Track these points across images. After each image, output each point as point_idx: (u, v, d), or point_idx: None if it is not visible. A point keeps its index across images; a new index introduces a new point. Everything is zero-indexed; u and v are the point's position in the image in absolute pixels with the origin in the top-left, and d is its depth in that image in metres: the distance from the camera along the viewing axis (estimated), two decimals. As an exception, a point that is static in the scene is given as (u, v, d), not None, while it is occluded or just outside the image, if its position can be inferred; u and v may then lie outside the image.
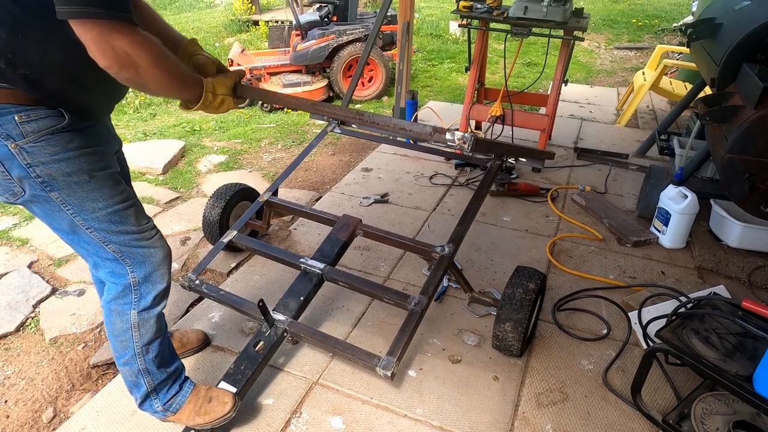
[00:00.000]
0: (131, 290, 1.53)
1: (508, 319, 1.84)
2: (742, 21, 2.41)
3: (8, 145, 1.26)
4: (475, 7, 3.37)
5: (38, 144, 1.29)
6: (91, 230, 1.45)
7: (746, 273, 2.50)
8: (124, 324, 1.54)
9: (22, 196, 1.35)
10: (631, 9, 10.45)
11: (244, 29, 9.27)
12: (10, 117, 1.25)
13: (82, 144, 1.36)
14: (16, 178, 1.31)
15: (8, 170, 1.29)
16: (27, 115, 1.26)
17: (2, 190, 1.34)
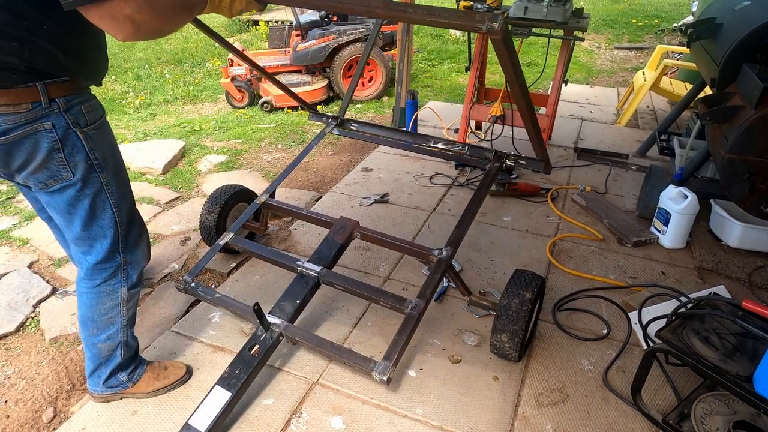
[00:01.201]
0: (120, 270, 1.67)
1: (505, 330, 1.84)
2: (742, 21, 2.41)
3: (77, 131, 1.44)
4: (476, 7, 3.37)
5: (97, 131, 1.50)
6: (117, 209, 1.60)
7: (746, 273, 2.49)
8: (114, 302, 1.68)
9: (68, 179, 1.48)
10: (631, 9, 10.44)
11: (244, 29, 9.28)
12: (78, 107, 1.44)
13: (104, 138, 1.54)
14: (73, 162, 1.46)
15: (67, 155, 1.44)
16: (88, 105, 1.47)
17: (46, 175, 1.46)
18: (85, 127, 1.46)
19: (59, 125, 1.41)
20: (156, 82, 6.57)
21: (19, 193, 3.45)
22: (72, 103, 1.42)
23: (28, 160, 1.42)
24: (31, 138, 1.39)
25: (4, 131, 1.35)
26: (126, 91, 6.22)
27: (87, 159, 1.48)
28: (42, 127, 1.40)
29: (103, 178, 1.54)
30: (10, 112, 1.34)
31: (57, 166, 1.45)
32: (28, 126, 1.38)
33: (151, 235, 2.98)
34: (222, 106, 5.66)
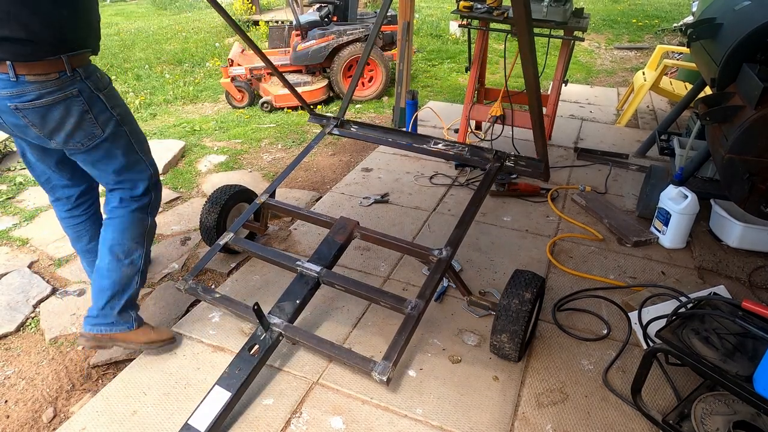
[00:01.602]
0: (150, 204, 1.99)
1: (505, 331, 1.84)
2: (742, 21, 2.41)
3: (99, 94, 1.73)
4: (476, 7, 3.37)
5: (111, 93, 1.79)
6: (141, 152, 1.92)
7: (746, 273, 2.49)
8: (143, 228, 1.98)
9: (100, 136, 1.78)
10: (631, 9, 10.44)
11: (244, 29, 9.28)
12: (94, 74, 1.74)
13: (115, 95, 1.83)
14: (101, 121, 1.76)
15: (96, 115, 1.74)
16: (99, 72, 1.76)
17: (83, 135, 1.75)
18: (103, 90, 1.75)
19: (84, 90, 1.69)
20: (156, 82, 6.57)
21: (20, 193, 3.45)
22: (89, 71, 1.71)
23: (63, 123, 1.69)
24: (63, 104, 1.67)
25: (37, 96, 1.63)
26: (126, 91, 6.22)
27: (111, 116, 1.78)
28: (72, 94, 1.68)
29: (127, 130, 1.85)
30: (41, 80, 1.61)
31: (89, 126, 1.74)
32: (59, 93, 1.65)
33: (151, 235, 2.99)
34: (222, 106, 5.66)
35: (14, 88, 1.60)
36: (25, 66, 1.58)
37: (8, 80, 1.59)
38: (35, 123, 1.68)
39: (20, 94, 1.61)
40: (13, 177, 3.68)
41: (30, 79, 1.60)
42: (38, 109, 1.64)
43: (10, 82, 1.59)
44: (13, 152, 4.11)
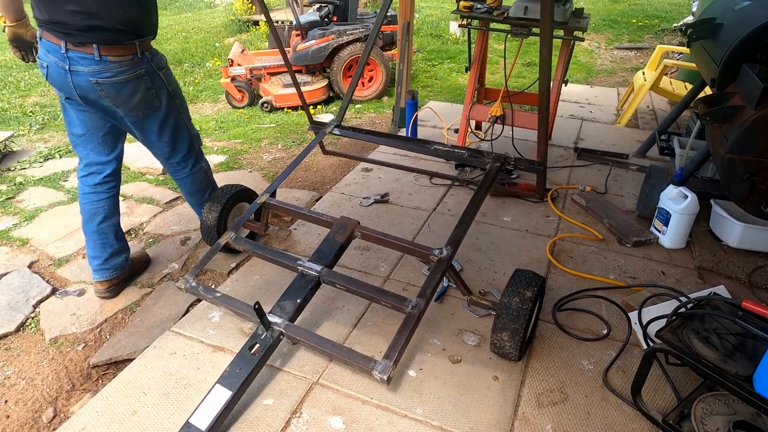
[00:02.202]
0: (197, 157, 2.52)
1: (505, 329, 1.84)
2: (743, 21, 2.41)
3: (159, 73, 2.17)
4: (476, 7, 3.37)
5: (167, 72, 2.24)
6: (187, 122, 2.41)
7: (746, 273, 2.49)
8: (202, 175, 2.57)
9: (158, 106, 2.21)
10: (631, 9, 10.45)
11: (245, 29, 9.28)
12: (157, 56, 2.17)
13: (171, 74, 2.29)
14: (160, 94, 2.19)
15: (156, 89, 2.17)
16: (159, 55, 2.20)
17: (145, 105, 2.17)
18: (162, 70, 2.18)
19: (149, 70, 2.12)
20: (156, 82, 6.56)
21: (20, 193, 3.45)
22: (152, 53, 2.14)
23: (132, 96, 2.11)
24: (134, 81, 2.08)
25: (116, 74, 2.04)
26: (126, 91, 6.22)
27: (167, 91, 2.22)
28: (140, 72, 2.10)
29: (178, 104, 2.30)
30: (119, 61, 2.03)
31: (150, 98, 2.16)
32: (131, 72, 2.06)
33: (150, 235, 2.99)
34: (222, 106, 5.66)
35: (97, 65, 2.00)
36: (108, 48, 1.99)
37: (93, 59, 1.99)
38: (109, 95, 2.07)
39: (102, 71, 2.01)
40: (14, 177, 3.68)
41: (111, 59, 2.01)
42: (114, 84, 2.05)
43: (94, 61, 2.00)
44: (13, 152, 4.11)
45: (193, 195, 2.62)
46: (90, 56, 1.99)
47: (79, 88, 2.06)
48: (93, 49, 1.97)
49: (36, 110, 5.47)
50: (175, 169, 2.47)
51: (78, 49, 1.99)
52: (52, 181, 3.63)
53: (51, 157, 4.04)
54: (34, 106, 5.64)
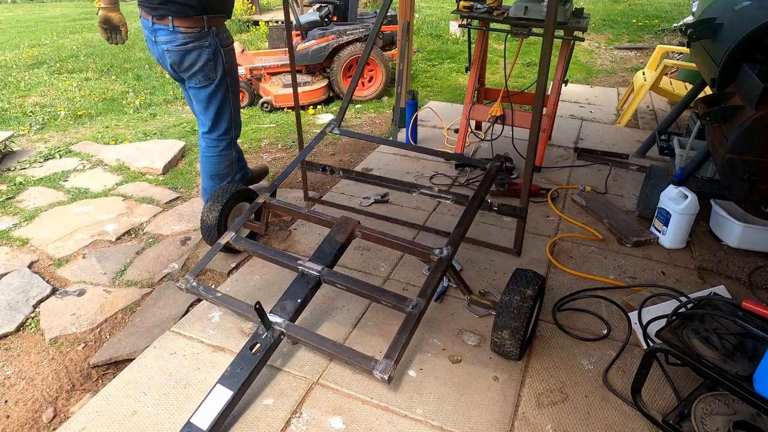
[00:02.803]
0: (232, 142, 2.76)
1: (506, 327, 1.84)
2: (743, 21, 2.41)
3: (221, 49, 2.45)
4: (476, 7, 3.37)
5: (229, 50, 2.52)
6: (233, 103, 2.64)
7: (746, 273, 2.50)
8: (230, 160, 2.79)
9: (213, 79, 2.51)
10: (631, 9, 10.45)
11: (244, 29, 9.28)
12: (223, 33, 2.45)
13: (233, 54, 2.57)
14: (217, 68, 2.48)
15: (215, 63, 2.47)
16: (227, 33, 2.48)
17: (202, 75, 2.48)
18: (225, 47, 2.46)
19: (212, 44, 2.42)
20: (156, 82, 6.57)
21: (20, 193, 3.45)
22: (219, 30, 2.42)
23: (194, 64, 2.43)
24: (197, 50, 2.40)
25: (184, 43, 2.37)
26: (126, 91, 6.22)
27: (223, 67, 2.49)
28: (205, 44, 2.40)
29: (229, 82, 2.55)
30: (188, 32, 2.35)
31: (209, 69, 2.46)
32: (197, 42, 2.38)
33: (150, 235, 2.99)
34: (222, 106, 5.65)
35: (170, 35, 2.35)
36: (179, 20, 2.32)
37: (167, 30, 2.34)
38: (175, 62, 2.42)
39: (172, 41, 2.35)
40: (13, 177, 3.68)
41: (181, 30, 2.33)
42: (179, 52, 2.38)
43: (168, 31, 2.35)
44: (13, 152, 4.11)
45: (212, 178, 2.80)
46: (165, 27, 2.34)
47: (159, 57, 2.47)
48: (168, 21, 2.31)
49: (36, 110, 5.47)
50: (209, 144, 2.72)
51: (159, 22, 2.35)
52: (52, 181, 3.63)
53: (51, 157, 4.03)
54: (34, 106, 5.64)
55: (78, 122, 5.20)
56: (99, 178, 3.67)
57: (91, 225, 3.05)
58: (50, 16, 14.56)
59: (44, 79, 6.75)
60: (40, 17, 14.39)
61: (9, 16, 14.91)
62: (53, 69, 7.23)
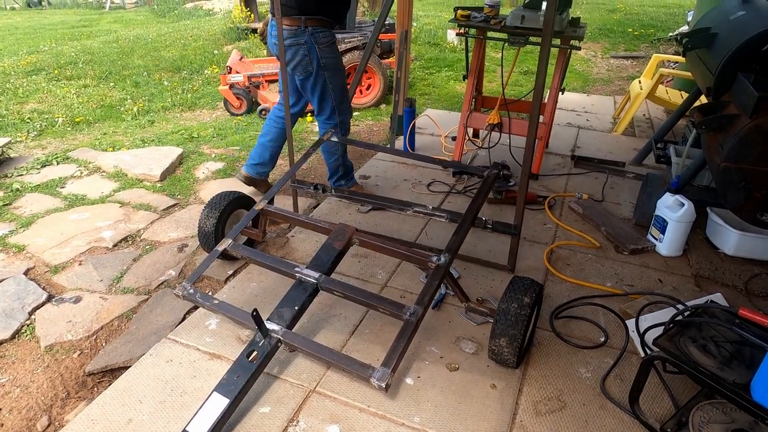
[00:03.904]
0: (335, 124, 3.02)
1: (504, 335, 1.83)
2: (738, 31, 2.44)
3: (316, 46, 2.71)
4: (473, 16, 3.40)
5: (325, 48, 2.75)
6: (333, 93, 2.91)
7: (743, 281, 2.50)
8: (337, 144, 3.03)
9: (310, 72, 2.81)
10: (627, 18, 10.54)
11: (243, 37, 9.31)
12: (318, 33, 2.70)
13: (333, 52, 2.82)
14: (313, 63, 2.77)
15: (311, 58, 2.75)
16: (324, 33, 2.73)
17: (302, 69, 2.80)
18: (319, 45, 2.71)
19: (308, 41, 2.70)
20: (154, 90, 6.58)
21: (17, 200, 3.44)
22: (315, 30, 2.68)
23: (293, 58, 2.77)
24: (295, 47, 2.73)
25: (285, 38, 2.69)
26: (124, 98, 6.23)
27: (318, 62, 2.76)
28: (301, 42, 2.71)
29: (327, 75, 2.83)
30: (288, 29, 2.68)
31: (306, 63, 2.77)
32: (294, 39, 2.70)
33: (147, 242, 2.98)
34: (220, 113, 5.67)
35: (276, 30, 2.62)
36: (287, 19, 2.66)
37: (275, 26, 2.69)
38: (286, 55, 2.75)
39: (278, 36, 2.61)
40: (10, 183, 3.67)
41: (285, 26, 2.66)
42: (285, 47, 2.71)
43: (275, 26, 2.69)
44: (10, 158, 4.10)
45: (326, 152, 3.14)
46: (275, 23, 2.68)
47: (271, 48, 2.89)
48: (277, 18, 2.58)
49: (34, 117, 5.47)
50: (321, 125, 3.09)
51: (273, 18, 2.74)
52: (49, 188, 3.62)
53: (48, 164, 4.03)
54: (32, 112, 5.64)
55: (76, 129, 5.20)
56: (96, 185, 3.67)
57: (88, 231, 3.04)
58: (49, 24, 14.59)
59: (42, 85, 6.76)
60: (39, 24, 14.42)
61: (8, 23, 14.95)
62: (51, 76, 7.24)
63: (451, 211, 2.48)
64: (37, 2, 21.50)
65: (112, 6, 19.85)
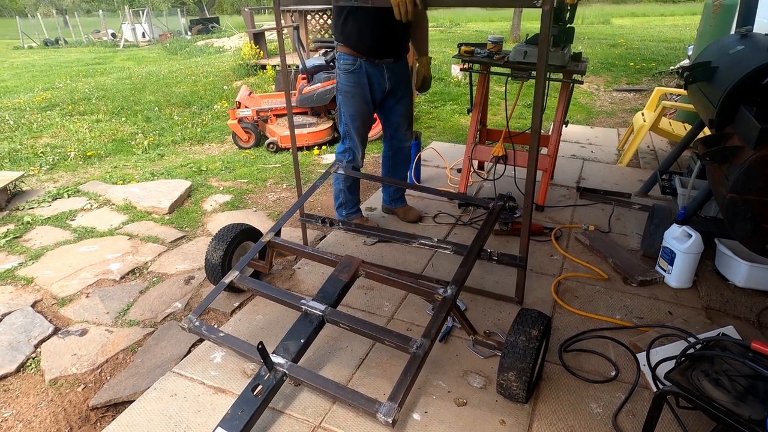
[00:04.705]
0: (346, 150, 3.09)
1: (512, 368, 1.81)
2: (737, 64, 2.48)
3: (340, 72, 2.91)
4: (477, 52, 3.48)
5: (345, 75, 2.89)
6: (344, 117, 3.01)
7: (755, 313, 2.46)
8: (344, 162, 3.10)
9: (335, 93, 3.05)
10: (628, 53, 10.73)
11: (252, 73, 9.55)
12: (342, 59, 2.88)
13: (351, 80, 2.88)
14: (337, 86, 2.98)
15: (336, 81, 2.97)
16: (348, 60, 2.85)
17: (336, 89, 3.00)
18: (343, 72, 2.88)
19: (337, 68, 2.92)
20: (165, 124, 6.72)
21: (27, 232, 3.48)
22: (341, 57, 2.88)
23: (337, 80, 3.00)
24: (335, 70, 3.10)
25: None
26: (135, 132, 6.36)
27: (339, 85, 2.95)
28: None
29: (341, 99, 2.96)
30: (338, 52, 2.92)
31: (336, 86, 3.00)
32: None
33: (154, 274, 2.99)
34: (228, 147, 5.76)
35: None
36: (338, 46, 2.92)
37: None
38: None
39: None
40: (21, 216, 3.72)
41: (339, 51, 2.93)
42: None
43: None
44: (23, 192, 4.17)
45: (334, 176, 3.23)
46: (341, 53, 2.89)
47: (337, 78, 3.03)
48: None
49: (47, 151, 5.59)
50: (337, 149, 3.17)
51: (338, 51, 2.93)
52: (59, 220, 3.66)
53: (59, 197, 4.09)
54: (45, 146, 5.76)
55: (87, 162, 5.30)
56: (105, 218, 3.71)
57: (96, 264, 3.06)
58: (65, 61, 15.05)
59: (56, 120, 6.92)
60: (55, 62, 14.88)
61: (25, 61, 15.43)
62: (65, 111, 7.42)
63: (457, 243, 2.48)
64: (54, 41, 22.28)
65: (126, 44, 20.49)
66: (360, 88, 2.88)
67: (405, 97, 3.09)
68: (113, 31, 23.00)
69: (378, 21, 2.68)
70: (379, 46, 2.81)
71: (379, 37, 2.77)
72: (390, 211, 3.54)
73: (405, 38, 2.95)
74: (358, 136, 3.02)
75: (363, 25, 2.73)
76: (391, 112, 3.10)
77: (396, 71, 2.95)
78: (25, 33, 22.36)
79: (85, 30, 24.04)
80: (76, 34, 24.07)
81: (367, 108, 2.96)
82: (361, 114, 2.96)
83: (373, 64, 2.85)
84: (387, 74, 2.91)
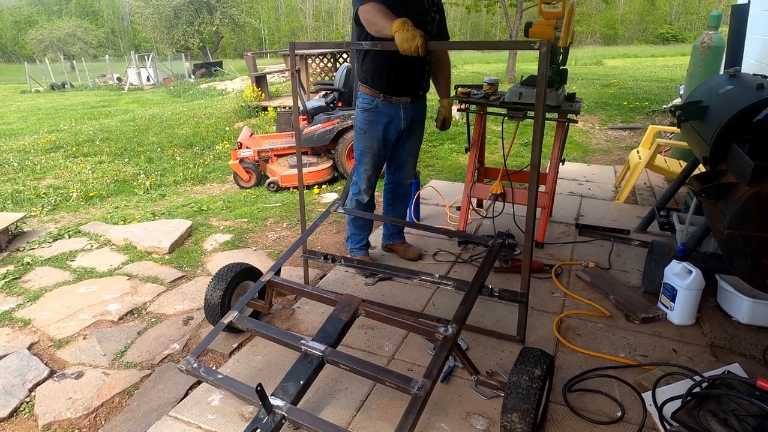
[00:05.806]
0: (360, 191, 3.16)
1: (516, 409, 1.77)
2: (727, 104, 2.54)
3: (359, 110, 3.00)
4: (473, 93, 3.56)
5: (362, 114, 2.99)
6: (357, 149, 3.10)
7: (760, 350, 2.43)
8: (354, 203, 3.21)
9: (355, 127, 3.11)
10: (621, 93, 10.98)
11: (254, 114, 9.74)
12: (361, 99, 2.98)
13: (366, 118, 2.98)
14: (355, 123, 3.07)
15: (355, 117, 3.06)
16: (367, 100, 2.95)
17: None
18: (361, 109, 2.98)
19: (358, 104, 3.01)
20: (167, 164, 6.81)
21: (26, 273, 3.47)
22: (361, 96, 2.98)
23: None
24: None
25: None
26: (137, 173, 6.44)
27: (355, 121, 3.06)
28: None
29: (355, 134, 3.09)
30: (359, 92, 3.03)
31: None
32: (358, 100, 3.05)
33: (153, 315, 2.97)
34: (229, 187, 5.82)
35: None
36: None
37: None
38: None
39: None
40: (21, 257, 3.72)
41: None
42: None
43: None
44: (24, 233, 4.18)
45: None
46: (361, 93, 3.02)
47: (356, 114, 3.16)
48: None
49: (49, 192, 5.64)
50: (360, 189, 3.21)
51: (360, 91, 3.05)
52: (59, 261, 3.66)
53: (60, 237, 4.10)
54: (47, 188, 5.81)
55: (89, 203, 5.34)
56: (106, 258, 3.71)
57: (95, 305, 3.04)
58: (70, 104, 15.37)
59: (60, 162, 7.02)
60: (61, 105, 15.20)
61: (32, 105, 15.75)
62: (69, 153, 7.53)
63: (457, 279, 2.47)
64: (61, 85, 22.82)
65: (131, 87, 20.98)
66: (373, 126, 2.95)
67: (417, 136, 3.15)
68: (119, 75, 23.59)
69: (395, 61, 2.73)
70: (396, 85, 2.89)
71: (396, 76, 2.86)
72: (390, 248, 3.54)
73: (423, 78, 3.00)
74: (365, 172, 3.08)
75: (380, 64, 2.84)
76: (400, 148, 3.14)
77: (413, 111, 3.01)
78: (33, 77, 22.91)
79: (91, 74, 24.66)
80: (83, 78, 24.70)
81: (377, 145, 3.01)
82: (371, 150, 3.01)
83: (391, 104, 2.92)
84: (403, 114, 2.97)
